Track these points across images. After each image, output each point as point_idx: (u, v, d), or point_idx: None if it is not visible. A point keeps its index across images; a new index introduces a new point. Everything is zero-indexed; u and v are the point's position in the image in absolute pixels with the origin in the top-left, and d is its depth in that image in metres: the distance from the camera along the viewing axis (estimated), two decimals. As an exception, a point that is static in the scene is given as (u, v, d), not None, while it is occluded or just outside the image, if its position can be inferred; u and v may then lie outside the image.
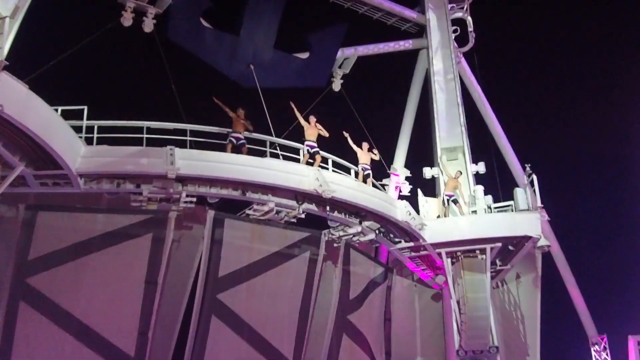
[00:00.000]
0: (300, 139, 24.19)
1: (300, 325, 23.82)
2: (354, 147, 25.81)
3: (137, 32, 24.74)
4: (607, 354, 33.52)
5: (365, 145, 26.20)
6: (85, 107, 20.39)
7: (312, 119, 24.42)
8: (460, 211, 28.02)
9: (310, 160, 23.58)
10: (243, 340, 22.54)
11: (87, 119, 20.45)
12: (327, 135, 24.25)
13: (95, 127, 20.67)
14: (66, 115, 19.56)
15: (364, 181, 25.27)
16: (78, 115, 20.32)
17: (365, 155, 25.97)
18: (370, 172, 25.80)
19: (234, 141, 22.69)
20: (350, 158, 25.89)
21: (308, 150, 23.81)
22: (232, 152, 22.33)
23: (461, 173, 29.24)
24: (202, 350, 21.86)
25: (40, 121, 17.63)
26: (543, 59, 44.64)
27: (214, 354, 22.00)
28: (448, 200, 28.13)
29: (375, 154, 26.29)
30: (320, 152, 24.00)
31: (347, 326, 25.97)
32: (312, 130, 24.14)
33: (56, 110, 18.96)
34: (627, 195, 38.91)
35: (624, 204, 39.25)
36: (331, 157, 24.83)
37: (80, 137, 20.05)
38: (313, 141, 24.00)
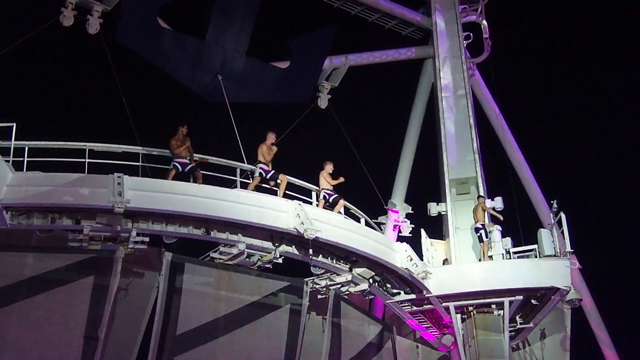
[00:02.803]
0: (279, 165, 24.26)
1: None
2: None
3: (79, 34, 24.76)
4: None
5: (329, 166, 25.47)
6: (14, 125, 20.34)
7: (271, 137, 24.45)
8: (483, 251, 28.09)
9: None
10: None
11: (16, 139, 20.38)
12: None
13: (26, 149, 20.58)
14: (-11, 134, 19.51)
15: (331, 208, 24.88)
16: (4, 134, 20.24)
17: (326, 180, 25.37)
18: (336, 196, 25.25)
19: (179, 167, 22.57)
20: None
21: (261, 173, 23.73)
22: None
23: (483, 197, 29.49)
24: None
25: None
26: (576, 72, 44.83)
27: None
28: (480, 234, 28.32)
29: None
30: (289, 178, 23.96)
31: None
32: (267, 150, 24.17)
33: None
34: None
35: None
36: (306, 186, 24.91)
37: (7, 161, 19.91)
38: (265, 163, 24.00)
